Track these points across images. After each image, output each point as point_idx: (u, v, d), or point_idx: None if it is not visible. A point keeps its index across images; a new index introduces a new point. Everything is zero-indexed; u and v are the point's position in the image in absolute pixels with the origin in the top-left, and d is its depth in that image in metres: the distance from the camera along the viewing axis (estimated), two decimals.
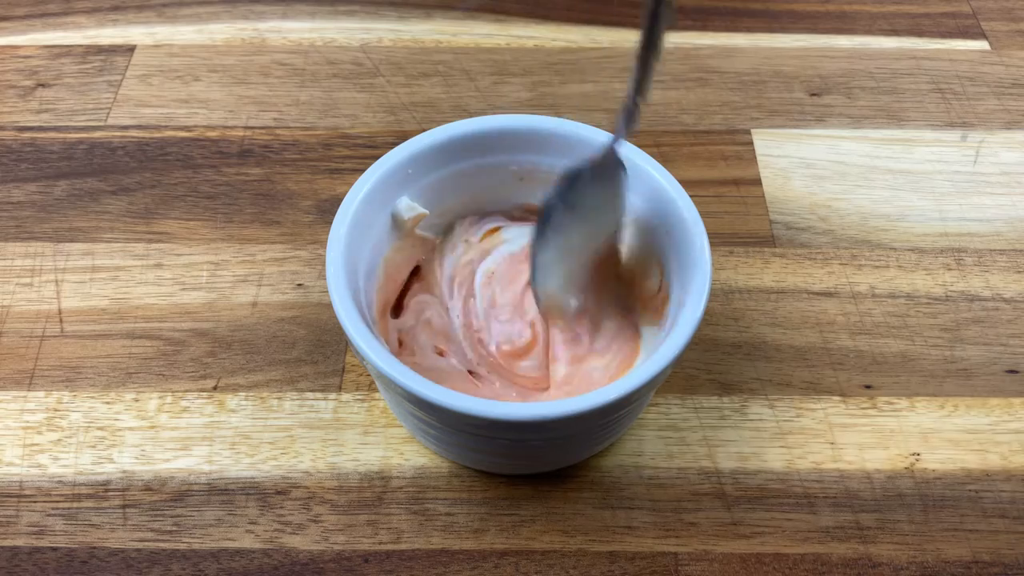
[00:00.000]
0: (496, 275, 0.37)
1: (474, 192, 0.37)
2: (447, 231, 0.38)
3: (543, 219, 0.32)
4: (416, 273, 0.37)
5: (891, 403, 0.37)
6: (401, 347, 0.35)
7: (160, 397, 0.37)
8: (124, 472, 0.35)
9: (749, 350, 0.38)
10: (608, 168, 0.32)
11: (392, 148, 0.34)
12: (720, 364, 0.38)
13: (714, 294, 0.40)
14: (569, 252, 0.34)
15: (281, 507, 0.34)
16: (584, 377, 0.35)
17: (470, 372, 0.35)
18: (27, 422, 0.36)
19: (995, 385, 0.38)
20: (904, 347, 0.39)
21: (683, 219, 0.32)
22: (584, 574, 0.33)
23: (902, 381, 0.38)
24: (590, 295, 0.35)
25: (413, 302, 0.36)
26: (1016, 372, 0.38)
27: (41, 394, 0.37)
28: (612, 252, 0.35)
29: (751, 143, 0.46)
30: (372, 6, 0.53)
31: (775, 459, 0.35)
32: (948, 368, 0.38)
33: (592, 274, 0.35)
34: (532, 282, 0.33)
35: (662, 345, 0.30)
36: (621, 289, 0.36)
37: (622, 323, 0.35)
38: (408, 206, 0.35)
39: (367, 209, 0.33)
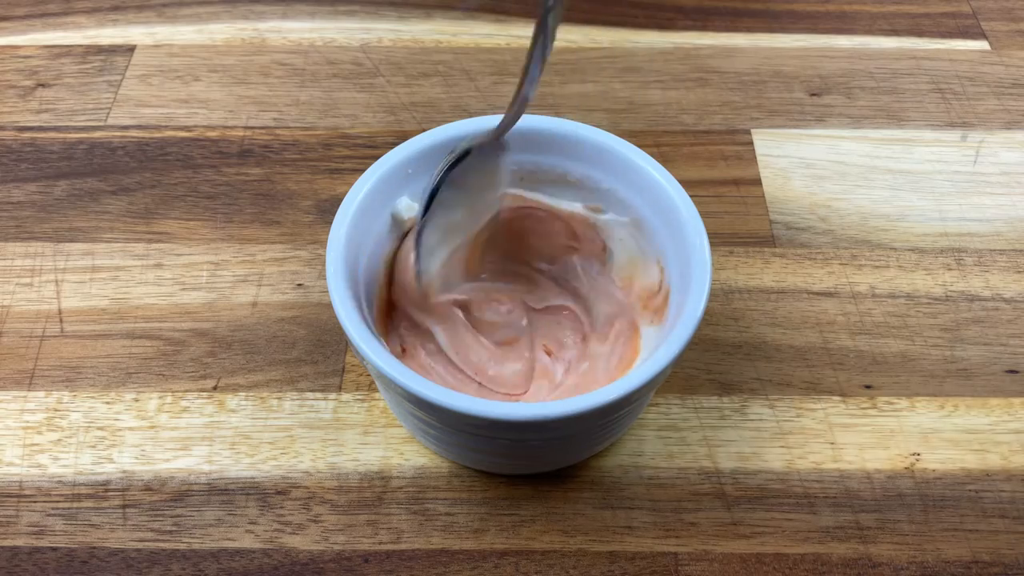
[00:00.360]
0: None
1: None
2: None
3: (429, 198, 0.32)
4: None
5: (891, 403, 0.37)
6: (404, 353, 0.35)
7: (160, 397, 0.37)
8: (124, 472, 0.35)
9: (749, 350, 0.38)
10: (491, 147, 0.32)
11: (392, 148, 0.34)
12: (720, 364, 0.38)
13: (714, 294, 0.40)
14: (453, 232, 0.34)
15: (281, 507, 0.34)
16: (583, 377, 0.35)
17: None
18: (27, 422, 0.36)
19: (995, 385, 0.38)
20: (904, 347, 0.39)
21: (683, 219, 0.32)
22: (584, 574, 0.33)
23: (902, 381, 0.38)
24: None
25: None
26: (1016, 372, 0.38)
27: (41, 394, 0.37)
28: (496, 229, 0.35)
29: (751, 143, 0.46)
30: (372, 6, 0.53)
31: (775, 459, 0.35)
32: (948, 368, 0.38)
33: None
34: (416, 264, 0.33)
35: (662, 345, 0.30)
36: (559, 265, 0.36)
37: (620, 319, 0.36)
38: (408, 206, 0.34)
39: (367, 209, 0.33)
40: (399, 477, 0.35)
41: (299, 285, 0.40)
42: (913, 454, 0.36)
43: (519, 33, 0.51)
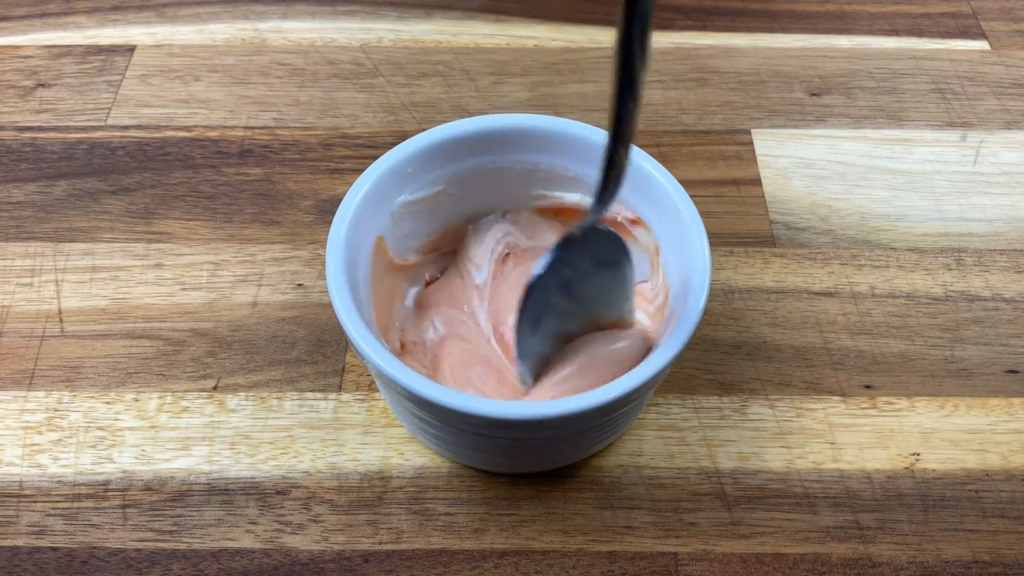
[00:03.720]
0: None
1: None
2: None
3: (529, 295, 0.30)
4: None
5: (891, 403, 0.37)
6: (403, 349, 0.35)
7: (160, 397, 0.37)
8: (124, 472, 0.35)
9: (749, 350, 0.38)
10: (609, 254, 0.31)
11: (392, 148, 0.34)
12: (720, 364, 0.38)
13: (714, 294, 0.40)
14: (561, 338, 0.33)
15: (281, 507, 0.34)
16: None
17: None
18: (27, 422, 0.36)
19: (995, 385, 0.38)
20: (904, 347, 0.39)
21: (683, 219, 0.32)
22: (584, 574, 0.33)
23: (902, 381, 0.38)
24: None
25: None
26: (1016, 372, 0.38)
27: (41, 394, 0.37)
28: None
29: (751, 143, 0.46)
30: (372, 6, 0.53)
31: (775, 459, 0.35)
32: (948, 368, 0.38)
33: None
34: (517, 357, 0.32)
35: (661, 345, 0.30)
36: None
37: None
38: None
39: (367, 209, 0.33)
40: (399, 477, 0.35)
41: (299, 285, 0.40)
42: (913, 454, 0.36)
43: (519, 33, 0.52)
